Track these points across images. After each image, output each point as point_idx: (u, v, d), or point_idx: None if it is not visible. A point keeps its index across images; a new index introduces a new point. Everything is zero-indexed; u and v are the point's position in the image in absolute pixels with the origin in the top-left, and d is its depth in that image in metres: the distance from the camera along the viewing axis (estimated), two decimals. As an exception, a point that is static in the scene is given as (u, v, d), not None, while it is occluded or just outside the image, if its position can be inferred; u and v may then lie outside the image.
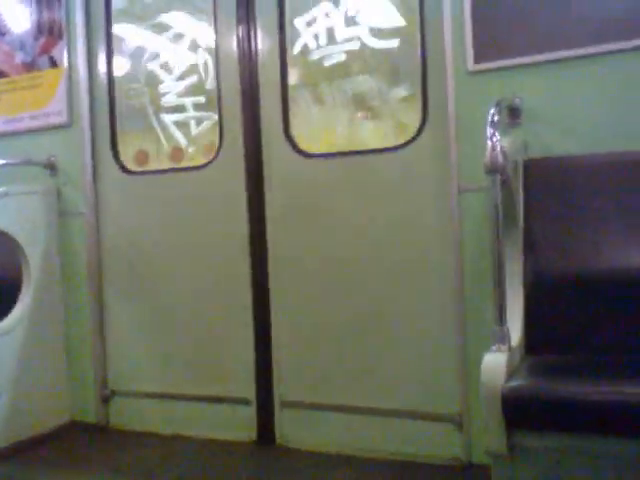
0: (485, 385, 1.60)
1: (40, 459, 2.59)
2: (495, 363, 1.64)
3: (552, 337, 1.91)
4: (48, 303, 2.92)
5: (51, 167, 3.00)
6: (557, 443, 1.57)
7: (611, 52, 2.06)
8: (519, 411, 1.58)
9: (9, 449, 2.65)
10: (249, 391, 2.66)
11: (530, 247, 2.00)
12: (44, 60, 3.05)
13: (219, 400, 2.72)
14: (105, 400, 2.95)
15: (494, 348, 1.69)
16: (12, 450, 2.65)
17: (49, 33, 3.02)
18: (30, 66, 3.09)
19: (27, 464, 2.55)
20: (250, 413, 2.66)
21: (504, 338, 1.71)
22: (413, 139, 2.38)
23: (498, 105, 1.93)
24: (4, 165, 2.95)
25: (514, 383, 1.60)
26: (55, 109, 3.01)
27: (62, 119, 2.99)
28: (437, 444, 2.33)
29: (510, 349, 1.70)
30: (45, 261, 2.91)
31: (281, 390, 2.62)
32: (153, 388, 2.87)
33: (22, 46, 3.11)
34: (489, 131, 1.78)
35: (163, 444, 2.71)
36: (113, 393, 2.95)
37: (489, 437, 1.60)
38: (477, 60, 2.21)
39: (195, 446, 2.66)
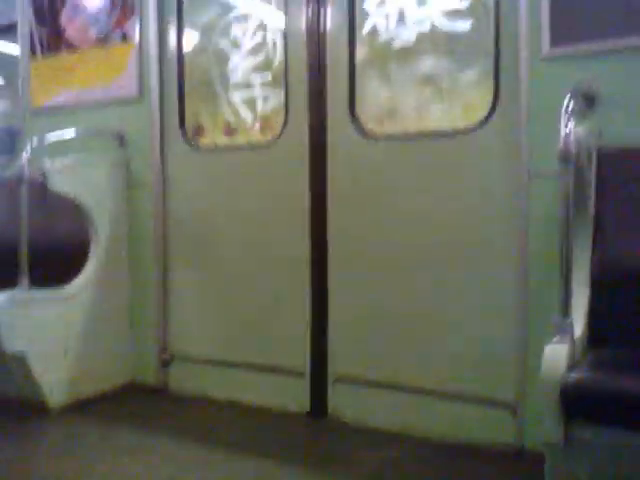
0: (545, 376, 1.59)
1: (101, 417, 2.69)
2: (556, 354, 1.62)
3: (617, 331, 1.87)
4: (115, 269, 3.03)
5: (120, 139, 3.09)
6: (614, 438, 1.55)
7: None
8: (578, 403, 1.57)
9: (72, 405, 2.79)
10: (303, 364, 2.71)
11: (600, 238, 1.96)
12: (117, 35, 3.12)
13: (274, 370, 2.79)
14: (165, 364, 3.06)
15: (556, 339, 1.67)
16: (76, 406, 2.79)
17: (122, 9, 3.09)
18: (103, 40, 3.17)
19: (88, 421, 2.65)
20: (304, 385, 2.71)
21: (567, 329, 1.69)
22: (483, 123, 2.34)
23: (574, 92, 1.87)
24: (77, 135, 3.05)
25: (574, 375, 1.58)
26: (126, 83, 3.08)
27: (132, 92, 3.07)
28: (490, 429, 2.33)
29: (573, 341, 1.68)
30: (113, 229, 3.01)
31: (335, 365, 2.66)
32: (212, 354, 2.96)
33: (96, 21, 3.19)
34: (563, 119, 1.74)
35: (218, 409, 2.79)
36: (173, 357, 3.05)
37: (545, 427, 1.59)
38: (553, 44, 2.14)
39: (249, 413, 2.74)
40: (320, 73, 2.64)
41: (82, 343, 2.87)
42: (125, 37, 3.10)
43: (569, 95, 1.83)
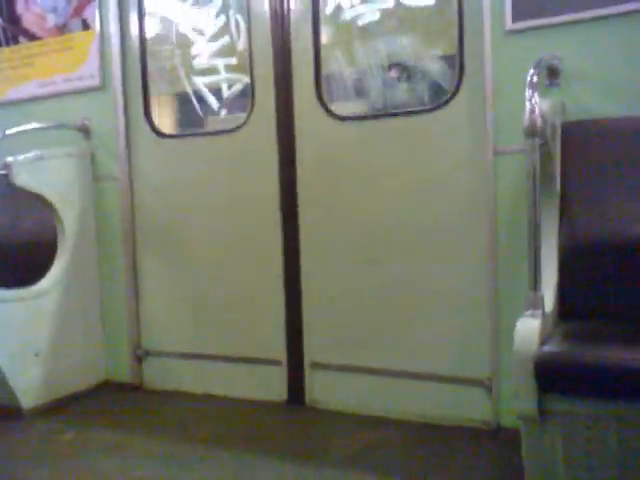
0: (518, 350, 1.59)
1: (75, 417, 2.65)
2: (528, 328, 1.63)
3: (586, 304, 1.88)
4: (83, 265, 2.97)
5: (84, 130, 3.02)
6: (588, 409, 1.56)
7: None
8: (551, 376, 1.58)
9: (45, 407, 2.73)
10: (280, 352, 2.69)
11: (566, 212, 1.96)
12: (76, 23, 3.04)
13: (250, 360, 2.76)
14: (139, 360, 3.01)
15: (528, 313, 1.68)
16: (48, 408, 2.73)
17: (81, -5, 3.02)
18: (62, 29, 3.09)
19: (63, 421, 2.60)
20: (280, 374, 2.69)
21: (538, 304, 1.69)
22: (448, 100, 2.33)
23: (537, 66, 1.86)
24: (38, 129, 2.97)
25: (547, 348, 1.59)
26: (88, 72, 3.01)
27: (95, 82, 3.00)
28: (466, 407, 2.34)
29: (544, 315, 1.68)
30: (80, 223, 2.95)
31: (311, 351, 2.65)
32: (186, 348, 2.92)
33: (54, 8, 3.11)
34: (528, 92, 1.72)
35: (195, 403, 2.76)
36: (147, 353, 3.01)
37: (520, 401, 1.60)
38: (515, 18, 2.14)
39: (226, 405, 2.71)
40: (285, 55, 2.61)
41: (53, 343, 2.81)
42: (85, 24, 3.02)
43: (532, 69, 1.82)
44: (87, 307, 3.00)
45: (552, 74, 2.08)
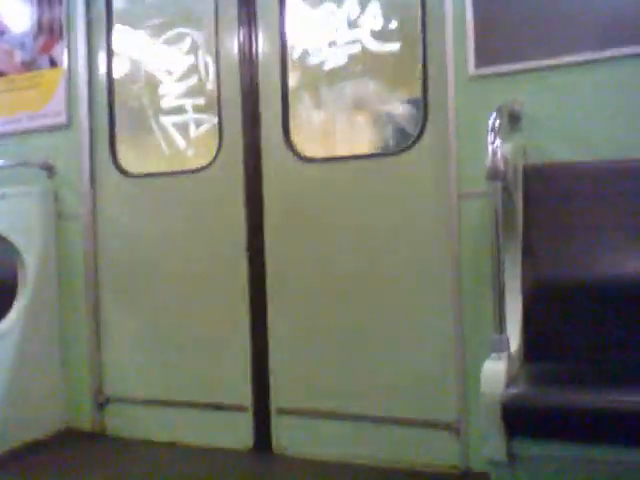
0: (485, 393, 1.60)
1: (34, 466, 2.56)
2: (495, 370, 1.63)
3: (551, 344, 1.90)
4: (44, 307, 2.89)
5: (48, 169, 2.98)
6: (557, 451, 1.56)
7: (613, 58, 2.05)
8: (519, 419, 1.58)
9: (3, 456, 2.62)
10: (245, 398, 2.64)
11: (529, 254, 1.99)
12: (44, 60, 3.03)
13: (215, 407, 2.70)
14: (100, 406, 2.92)
15: (493, 355, 1.68)
16: (6, 457, 2.62)
17: (49, 32, 3.01)
18: (29, 65, 3.08)
19: (21, 471, 2.51)
20: (247, 420, 2.64)
21: (503, 345, 1.70)
22: (413, 144, 2.37)
23: (499, 110, 1.92)
24: (1, 166, 2.94)
25: (514, 391, 1.60)
26: (54, 110, 2.99)
27: (61, 120, 2.98)
28: (435, 452, 2.31)
29: (509, 356, 1.69)
30: (41, 264, 2.89)
31: (278, 397, 2.60)
32: (149, 395, 2.85)
33: (22, 45, 3.09)
34: (490, 137, 1.77)
35: (159, 451, 2.69)
36: (109, 400, 2.92)
37: (489, 445, 1.59)
38: (478, 65, 2.20)
39: (191, 453, 2.64)
40: (253, 96, 2.63)
41: (11, 389, 2.72)
42: (53, 62, 3.01)
43: (494, 114, 1.87)
44: (47, 351, 2.91)
45: (514, 119, 2.14)
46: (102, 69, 2.95)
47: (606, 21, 2.06)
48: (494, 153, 1.74)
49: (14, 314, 2.77)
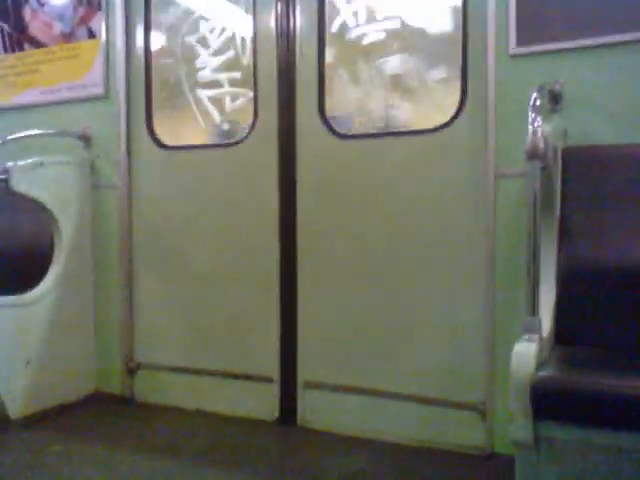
0: (515, 374, 1.58)
1: (64, 428, 2.61)
2: (525, 353, 1.61)
3: (584, 329, 1.87)
4: (78, 274, 2.94)
5: (86, 139, 3.02)
6: (584, 436, 1.54)
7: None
8: (547, 402, 1.56)
9: (35, 416, 2.69)
10: (273, 370, 2.66)
11: (565, 236, 1.96)
12: (82, 31, 3.06)
13: (243, 377, 2.73)
14: (130, 372, 2.98)
15: (525, 337, 1.66)
16: (38, 418, 2.69)
17: (88, 4, 3.03)
18: (68, 37, 3.11)
19: (52, 432, 2.56)
20: (273, 392, 2.66)
21: (535, 328, 1.68)
22: (450, 122, 2.33)
23: (540, 90, 1.88)
24: (39, 135, 2.98)
25: (544, 374, 1.58)
26: (92, 81, 3.02)
27: (98, 91, 3.00)
28: (459, 432, 2.31)
29: (541, 339, 1.67)
30: (77, 232, 2.93)
31: (305, 370, 2.62)
32: (178, 362, 2.89)
33: (61, 16, 3.12)
34: (531, 116, 1.73)
35: (186, 418, 2.73)
36: (139, 366, 2.98)
37: (515, 427, 1.58)
38: (519, 43, 2.16)
39: (217, 422, 2.67)
40: (289, 71, 2.61)
41: (45, 352, 2.78)
42: (91, 34, 3.04)
43: (535, 93, 1.83)
44: (80, 317, 2.97)
45: (554, 99, 2.09)
46: (139, 41, 2.96)
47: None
48: (534, 132, 1.70)
49: (49, 280, 2.82)
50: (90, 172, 3.01)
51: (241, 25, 2.80)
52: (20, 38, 3.25)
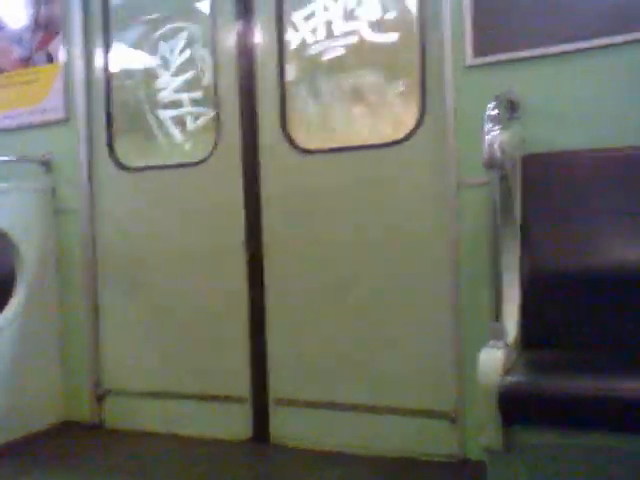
0: (482, 381, 1.59)
1: (33, 458, 2.56)
2: (492, 359, 1.63)
3: (549, 333, 1.90)
4: (42, 300, 2.90)
5: (46, 164, 2.99)
6: (554, 439, 1.55)
7: (610, 45, 2.05)
8: (516, 407, 1.57)
9: (2, 447, 2.62)
10: (244, 389, 2.64)
11: (527, 243, 1.99)
12: (41, 55, 3.04)
13: (214, 398, 2.70)
14: (99, 399, 2.93)
15: (491, 344, 1.68)
16: (4, 449, 2.62)
17: (46, 28, 3.01)
18: (27, 61, 3.08)
19: (20, 463, 2.51)
20: (245, 411, 2.64)
21: (501, 334, 1.70)
22: (411, 134, 2.37)
23: (497, 99, 1.92)
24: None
25: (511, 379, 1.59)
26: (52, 105, 3.00)
27: (59, 115, 2.98)
28: (432, 441, 2.31)
29: (507, 345, 1.69)
30: (40, 259, 2.89)
31: (276, 388, 2.60)
32: (148, 386, 2.85)
33: (19, 41, 3.10)
34: (487, 125, 1.77)
35: (158, 443, 2.69)
36: (107, 392, 2.93)
37: (485, 434, 1.59)
38: (476, 54, 2.20)
39: (190, 445, 2.64)
40: (251, 89, 2.63)
41: (10, 381, 2.73)
42: (50, 57, 3.01)
43: (492, 103, 1.87)
44: (46, 344, 2.92)
45: (512, 108, 2.13)
46: (99, 64, 2.95)
47: (603, 9, 2.06)
48: (491, 142, 1.73)
49: (12, 308, 2.77)
50: (52, 197, 2.98)
51: (201, 44, 2.80)
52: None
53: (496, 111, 1.84)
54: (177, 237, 2.79)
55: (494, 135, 1.74)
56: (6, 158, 2.97)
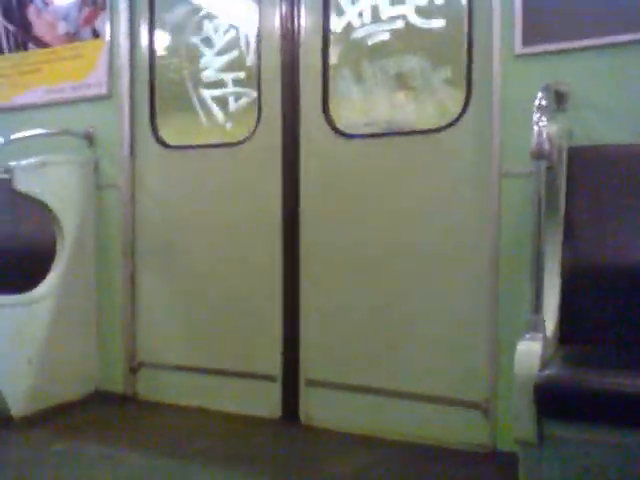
0: (518, 373, 1.59)
1: (66, 427, 2.61)
2: (529, 351, 1.62)
3: (587, 328, 1.88)
4: (81, 273, 2.95)
5: (89, 138, 3.02)
6: (587, 434, 1.55)
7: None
8: (551, 401, 1.56)
9: (36, 415, 2.68)
10: (275, 368, 2.66)
11: (570, 236, 1.97)
12: (87, 31, 3.07)
13: (245, 375, 2.74)
14: (133, 371, 2.98)
15: (528, 336, 1.66)
16: (39, 417, 2.68)
17: (92, 4, 3.04)
18: (73, 37, 3.12)
19: (54, 431, 2.56)
20: (275, 390, 2.66)
21: (539, 326, 1.68)
22: (455, 121, 2.34)
23: (545, 90, 1.88)
24: (43, 135, 2.98)
25: (547, 372, 1.58)
26: (95, 80, 3.03)
27: (102, 91, 3.01)
28: (463, 430, 2.31)
29: (545, 338, 1.67)
30: (80, 231, 2.93)
31: (307, 369, 2.62)
32: (181, 361, 2.89)
33: (65, 16, 3.13)
34: (536, 116, 1.74)
35: (188, 417, 2.73)
36: (141, 364, 2.98)
37: (519, 425, 1.59)
38: (525, 43, 2.17)
39: (220, 420, 2.68)
40: (293, 71, 2.62)
41: (47, 351, 2.78)
42: (95, 33, 3.05)
43: (540, 93, 1.83)
44: (82, 316, 2.97)
45: (560, 99, 2.09)
46: (144, 41, 2.97)
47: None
48: (540, 132, 1.70)
49: (51, 279, 2.82)
50: (93, 172, 3.02)
51: (245, 25, 2.80)
52: (24, 38, 3.26)
53: (544, 101, 1.81)
54: (215, 216, 2.82)
55: (543, 126, 1.72)
56: (50, 131, 3.01)
